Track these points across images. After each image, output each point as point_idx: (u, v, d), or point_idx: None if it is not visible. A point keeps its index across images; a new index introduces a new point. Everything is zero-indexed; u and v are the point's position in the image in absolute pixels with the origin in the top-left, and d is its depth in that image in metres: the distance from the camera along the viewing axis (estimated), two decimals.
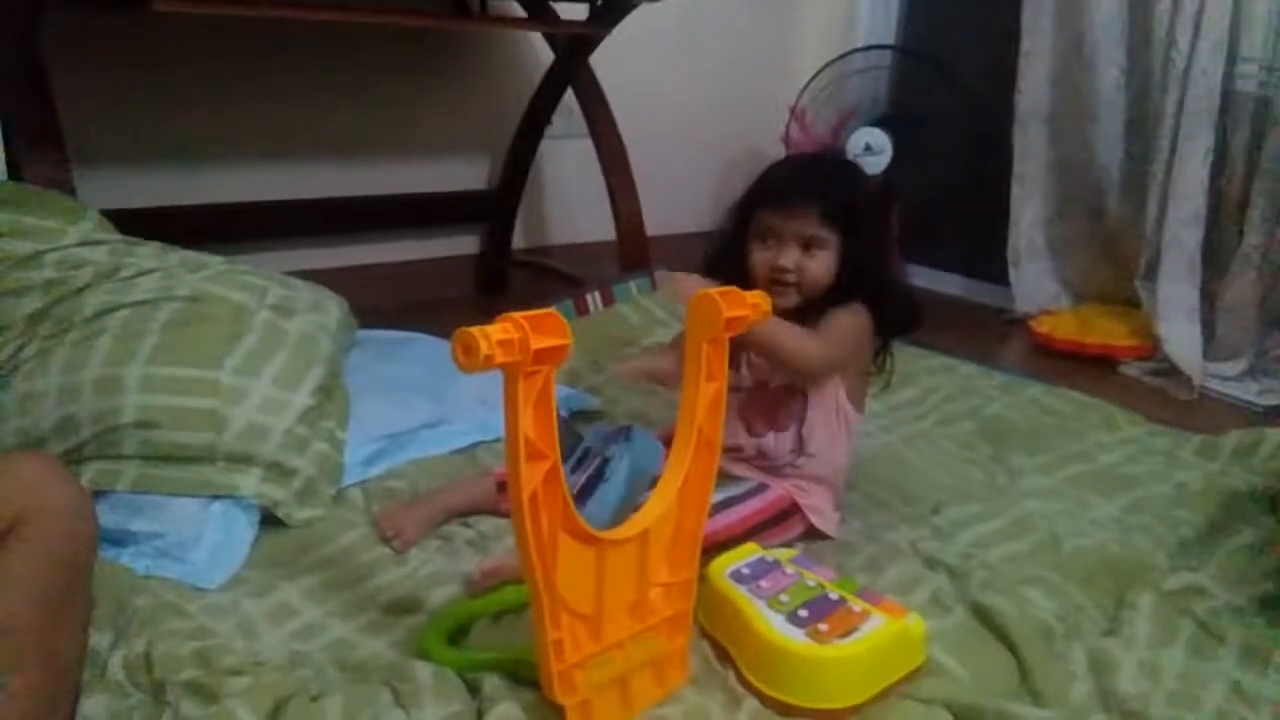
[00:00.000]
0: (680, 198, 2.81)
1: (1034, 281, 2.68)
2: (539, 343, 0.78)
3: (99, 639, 1.01)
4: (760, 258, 1.27)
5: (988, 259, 2.79)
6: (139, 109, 2.03)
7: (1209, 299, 2.29)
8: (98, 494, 1.22)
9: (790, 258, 1.25)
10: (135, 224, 1.55)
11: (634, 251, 2.37)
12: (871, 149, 2.51)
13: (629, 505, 1.19)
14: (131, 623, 1.04)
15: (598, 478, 1.26)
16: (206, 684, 0.94)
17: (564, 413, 1.37)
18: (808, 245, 1.25)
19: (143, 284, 1.39)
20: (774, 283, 1.25)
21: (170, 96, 2.07)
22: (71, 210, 1.45)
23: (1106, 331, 2.39)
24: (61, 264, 1.37)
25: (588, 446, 1.33)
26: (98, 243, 1.43)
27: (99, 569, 0.96)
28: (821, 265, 1.25)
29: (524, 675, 0.98)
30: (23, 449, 1.24)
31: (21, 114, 1.57)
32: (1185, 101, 2.22)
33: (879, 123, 2.56)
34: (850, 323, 1.27)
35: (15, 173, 1.55)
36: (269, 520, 1.30)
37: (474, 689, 0.98)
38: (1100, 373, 2.26)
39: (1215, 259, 2.29)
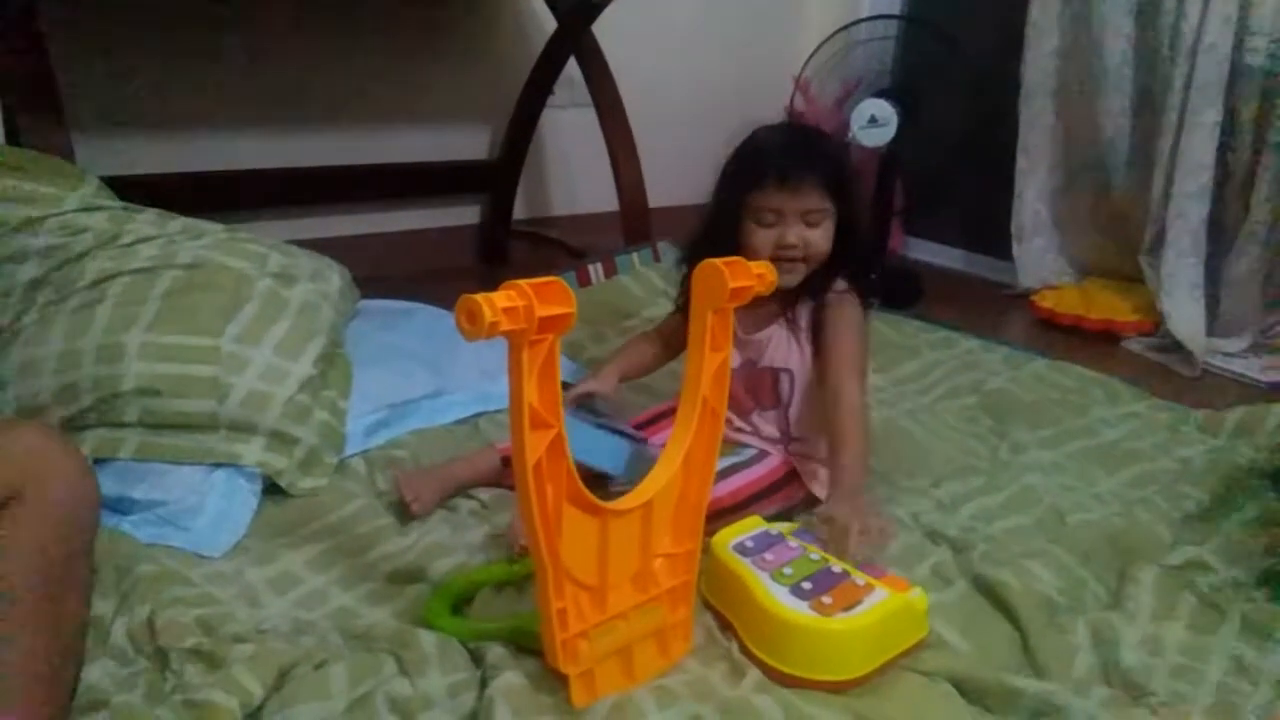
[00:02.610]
0: (683, 169, 2.75)
1: (1038, 256, 2.67)
2: (544, 310, 0.77)
3: (102, 606, 1.01)
4: (763, 238, 1.25)
5: (991, 233, 2.78)
6: (138, 74, 2.01)
7: (1213, 275, 2.28)
8: (100, 462, 1.22)
9: (796, 233, 1.24)
10: (135, 190, 1.54)
11: (636, 222, 2.35)
12: (876, 121, 2.48)
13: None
14: (134, 590, 1.04)
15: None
16: (210, 651, 0.95)
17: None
18: (810, 219, 1.25)
19: (143, 251, 1.38)
20: (779, 260, 1.23)
21: (170, 62, 2.04)
22: (71, 176, 1.44)
23: (1110, 307, 2.38)
24: (61, 230, 1.36)
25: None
26: (97, 209, 1.42)
27: (101, 537, 0.96)
28: (825, 236, 1.26)
29: (528, 644, 0.98)
30: (22, 416, 1.24)
31: (20, 79, 1.55)
32: (1194, 75, 2.20)
33: (884, 94, 2.53)
34: (850, 329, 1.28)
35: (14, 138, 1.53)
36: (271, 489, 1.30)
37: (478, 658, 0.99)
38: (1103, 348, 2.26)
39: (1220, 234, 2.28)
